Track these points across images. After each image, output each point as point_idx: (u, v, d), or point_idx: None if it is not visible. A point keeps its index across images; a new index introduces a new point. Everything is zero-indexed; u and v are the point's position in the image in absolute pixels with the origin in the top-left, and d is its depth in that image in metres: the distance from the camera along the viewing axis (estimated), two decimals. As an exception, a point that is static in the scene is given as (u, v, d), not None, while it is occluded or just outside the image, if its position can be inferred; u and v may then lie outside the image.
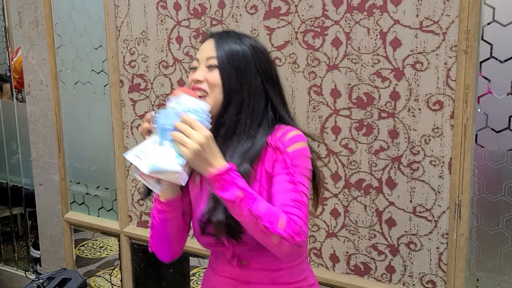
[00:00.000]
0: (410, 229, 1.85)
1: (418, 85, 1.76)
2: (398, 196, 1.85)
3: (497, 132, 1.72)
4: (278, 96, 1.31)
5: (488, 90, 1.71)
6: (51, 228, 2.89)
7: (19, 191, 3.32)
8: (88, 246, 3.66)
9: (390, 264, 1.91)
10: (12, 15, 3.70)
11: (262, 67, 1.28)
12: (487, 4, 1.66)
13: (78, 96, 2.66)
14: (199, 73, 1.26)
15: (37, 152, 2.85)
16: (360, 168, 1.90)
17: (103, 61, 2.52)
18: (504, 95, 1.69)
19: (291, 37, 1.95)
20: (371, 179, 1.89)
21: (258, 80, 1.27)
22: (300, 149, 1.22)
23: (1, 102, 3.39)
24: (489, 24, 1.67)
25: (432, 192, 1.79)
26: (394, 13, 1.76)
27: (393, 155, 1.84)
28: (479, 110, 1.72)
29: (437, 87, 1.73)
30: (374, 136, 1.86)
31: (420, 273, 1.86)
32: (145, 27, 2.30)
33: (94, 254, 3.55)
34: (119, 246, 2.61)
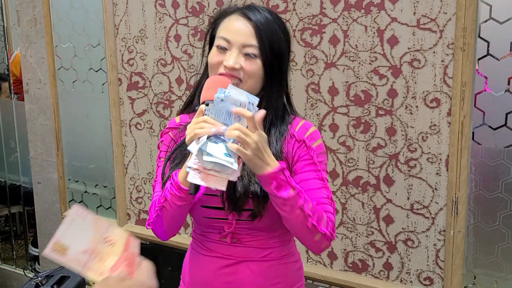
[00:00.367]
0: (408, 226, 1.86)
1: (415, 83, 1.76)
2: (396, 193, 1.86)
3: (494, 129, 1.72)
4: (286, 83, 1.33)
5: (485, 87, 1.71)
6: (50, 227, 2.89)
7: (18, 190, 3.32)
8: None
9: (388, 261, 1.91)
10: (11, 14, 3.70)
11: (289, 54, 1.30)
12: (484, 2, 1.67)
13: (77, 95, 2.66)
14: (235, 61, 1.20)
15: (36, 151, 2.85)
16: (358, 166, 1.91)
17: (102, 59, 2.52)
18: (501, 92, 1.70)
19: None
20: (369, 177, 1.89)
21: (287, 68, 1.30)
22: (321, 145, 1.28)
23: (0, 101, 3.39)
24: (486, 22, 1.68)
25: (429, 189, 1.80)
26: (392, 11, 1.77)
27: (391, 153, 1.84)
28: (476, 107, 1.73)
29: (434, 85, 1.74)
30: (372, 134, 1.86)
31: (418, 270, 1.87)
32: (143, 25, 2.30)
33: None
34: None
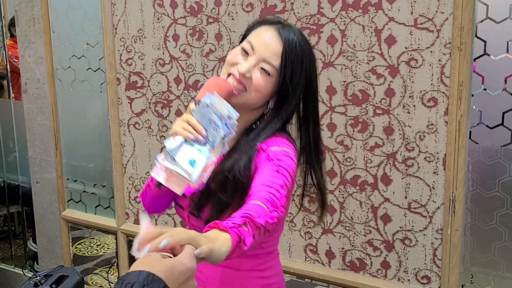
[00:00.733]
0: (405, 225, 1.86)
1: (413, 82, 1.77)
2: (393, 192, 1.86)
3: (491, 128, 1.73)
4: (314, 113, 1.26)
5: (482, 87, 1.72)
6: (48, 226, 2.89)
7: (16, 189, 3.32)
8: (85, 244, 3.66)
9: (385, 260, 1.92)
10: (9, 13, 3.70)
11: (312, 87, 1.23)
12: (481, 1, 1.68)
13: (75, 94, 2.66)
14: (248, 68, 1.16)
15: (34, 150, 2.85)
16: (356, 165, 1.91)
17: (100, 59, 2.52)
18: (498, 92, 1.70)
19: (287, 35, 1.96)
20: (367, 176, 1.90)
21: (303, 99, 1.24)
22: (282, 151, 1.16)
23: (-2, 100, 3.40)
24: (483, 21, 1.68)
25: (427, 188, 1.81)
26: (389, 11, 1.77)
27: (388, 152, 1.85)
28: (473, 107, 1.74)
29: (432, 84, 1.74)
30: (369, 133, 1.87)
31: (415, 269, 1.87)
32: (142, 25, 2.31)
33: (91, 252, 3.55)
34: (116, 244, 2.62)
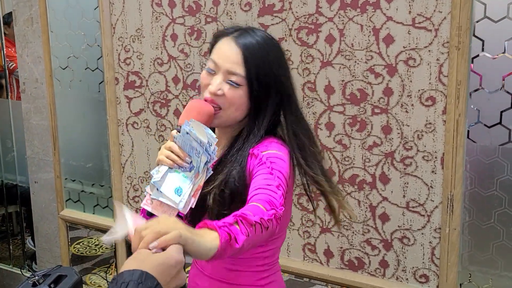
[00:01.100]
0: (403, 224, 1.87)
1: (411, 81, 1.77)
2: (392, 191, 1.87)
3: (489, 127, 1.73)
4: (292, 109, 1.24)
5: (480, 86, 1.72)
6: (47, 226, 2.89)
7: (14, 189, 3.32)
8: (84, 244, 3.65)
9: (384, 259, 1.92)
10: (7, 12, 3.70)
11: (284, 83, 1.21)
12: (479, 1, 1.68)
13: (73, 94, 2.66)
14: (218, 86, 1.17)
15: (32, 150, 2.85)
16: (354, 164, 1.91)
17: (98, 59, 2.52)
18: (496, 91, 1.71)
19: (285, 34, 1.96)
20: (365, 175, 1.90)
21: (278, 98, 1.22)
22: (274, 154, 1.16)
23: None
24: (481, 20, 1.69)
25: (425, 187, 1.81)
26: (387, 10, 1.77)
27: (386, 151, 1.85)
28: (471, 106, 1.74)
29: (430, 83, 1.75)
30: (368, 132, 1.87)
31: (413, 268, 1.88)
32: (140, 25, 2.31)
33: (90, 252, 3.54)
34: (115, 244, 2.61)
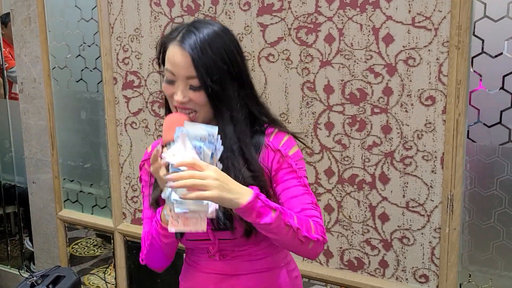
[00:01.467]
0: (403, 224, 1.86)
1: (411, 81, 1.77)
2: (391, 191, 1.86)
3: (489, 127, 1.73)
4: (252, 93, 1.26)
5: (480, 85, 1.72)
6: (45, 226, 2.88)
7: (12, 190, 3.31)
8: (82, 245, 3.65)
9: (383, 259, 1.92)
10: (4, 13, 3.69)
11: (238, 68, 1.22)
12: (479, 0, 1.68)
13: (71, 94, 2.66)
14: (181, 95, 1.18)
15: (30, 150, 2.84)
16: (353, 164, 1.91)
17: (96, 59, 2.52)
18: (496, 90, 1.70)
19: (284, 34, 1.96)
20: (364, 175, 1.90)
21: (240, 82, 1.23)
22: (298, 152, 1.26)
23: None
24: (481, 20, 1.68)
25: (425, 187, 1.80)
26: (387, 9, 1.77)
27: (386, 151, 1.85)
28: (471, 105, 1.74)
29: (429, 83, 1.74)
30: (367, 132, 1.87)
31: (413, 268, 1.87)
32: (139, 24, 2.30)
33: (88, 252, 3.54)
34: (113, 244, 2.61)
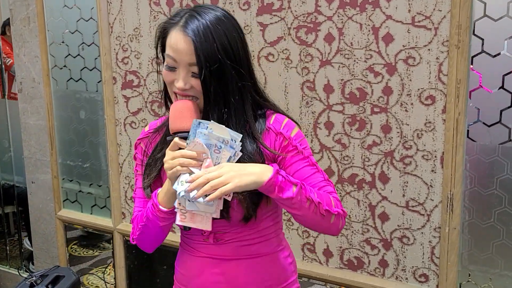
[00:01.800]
0: (403, 223, 1.86)
1: (411, 80, 1.77)
2: (391, 191, 1.86)
3: (489, 126, 1.73)
4: (249, 77, 1.26)
5: (480, 85, 1.72)
6: (44, 226, 2.88)
7: (11, 189, 3.30)
8: (81, 245, 3.64)
9: (383, 258, 1.92)
10: (3, 12, 3.68)
11: (239, 56, 1.21)
12: (478, -1, 1.68)
13: (71, 93, 2.65)
14: (182, 81, 1.19)
15: (29, 150, 2.83)
16: (353, 163, 1.91)
17: (96, 58, 2.51)
18: (496, 89, 1.70)
19: (284, 33, 1.96)
20: (364, 174, 1.90)
21: (243, 66, 1.22)
22: (299, 132, 1.28)
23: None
24: (480, 19, 1.68)
25: (425, 186, 1.80)
26: (386, 9, 1.77)
27: (386, 150, 1.85)
28: (471, 105, 1.74)
29: (429, 82, 1.74)
30: (367, 131, 1.87)
31: (413, 267, 1.87)
32: (138, 24, 2.30)
33: (87, 252, 3.54)
34: (112, 244, 2.60)
